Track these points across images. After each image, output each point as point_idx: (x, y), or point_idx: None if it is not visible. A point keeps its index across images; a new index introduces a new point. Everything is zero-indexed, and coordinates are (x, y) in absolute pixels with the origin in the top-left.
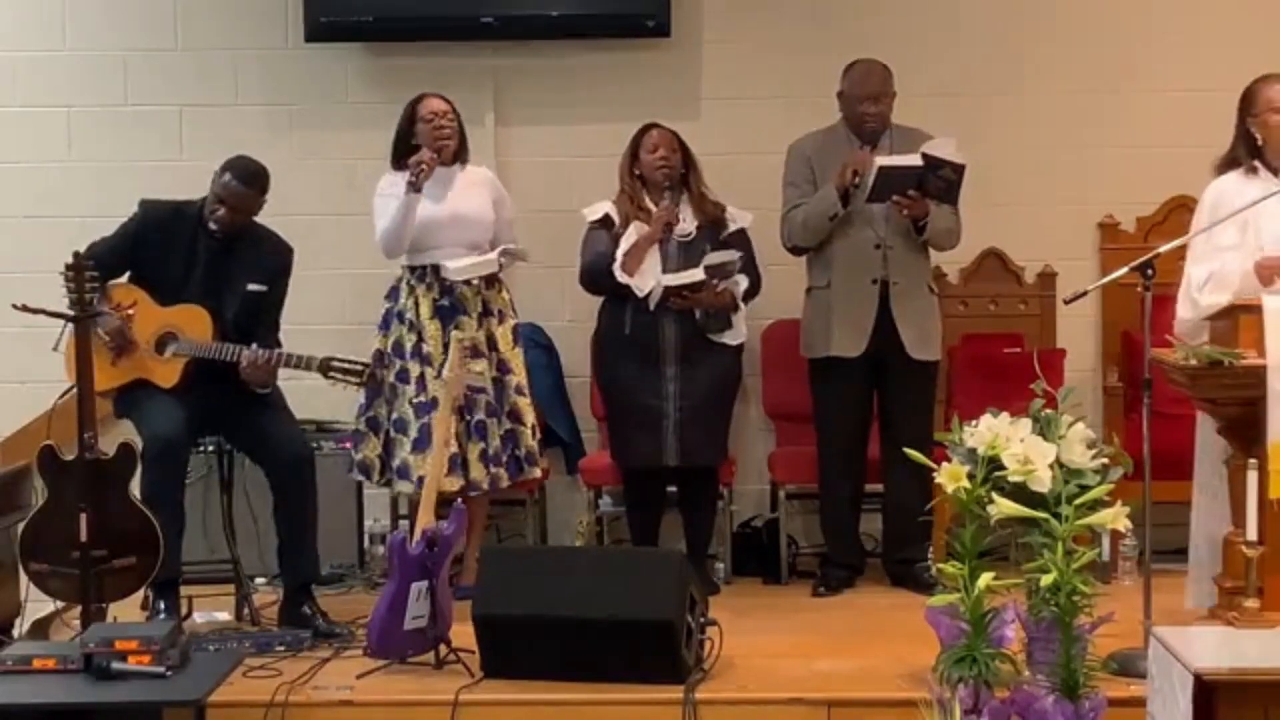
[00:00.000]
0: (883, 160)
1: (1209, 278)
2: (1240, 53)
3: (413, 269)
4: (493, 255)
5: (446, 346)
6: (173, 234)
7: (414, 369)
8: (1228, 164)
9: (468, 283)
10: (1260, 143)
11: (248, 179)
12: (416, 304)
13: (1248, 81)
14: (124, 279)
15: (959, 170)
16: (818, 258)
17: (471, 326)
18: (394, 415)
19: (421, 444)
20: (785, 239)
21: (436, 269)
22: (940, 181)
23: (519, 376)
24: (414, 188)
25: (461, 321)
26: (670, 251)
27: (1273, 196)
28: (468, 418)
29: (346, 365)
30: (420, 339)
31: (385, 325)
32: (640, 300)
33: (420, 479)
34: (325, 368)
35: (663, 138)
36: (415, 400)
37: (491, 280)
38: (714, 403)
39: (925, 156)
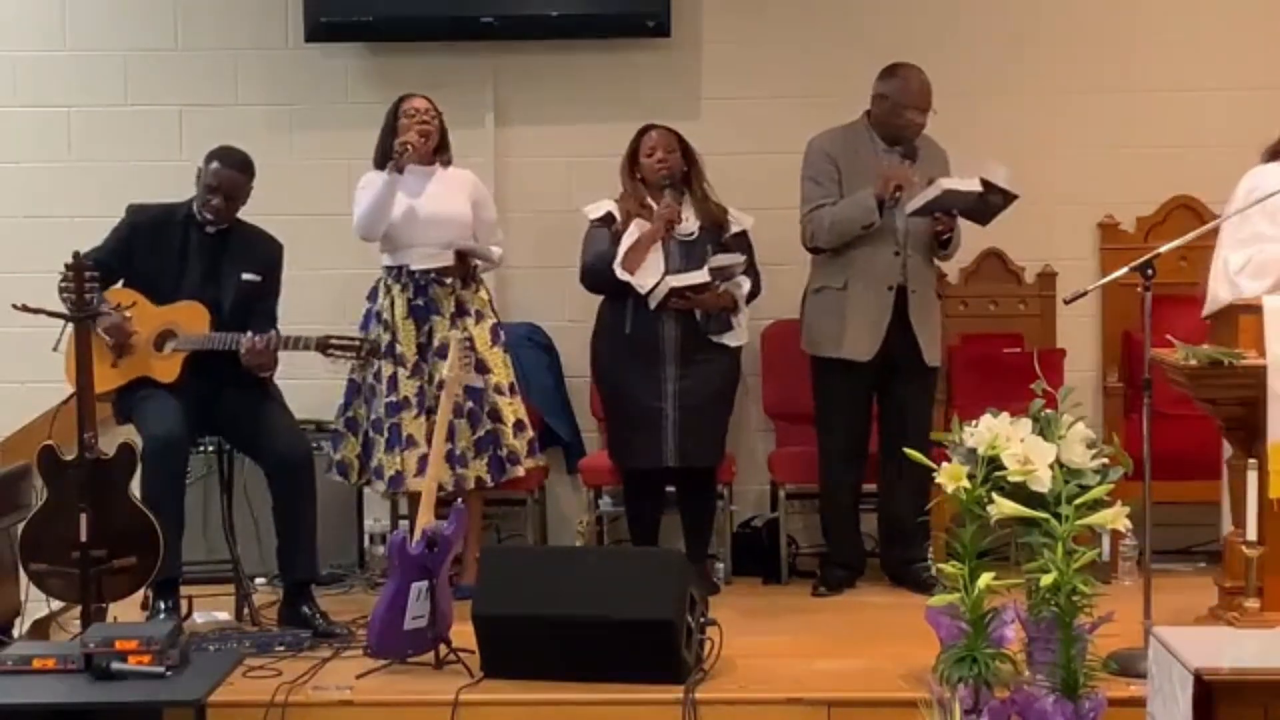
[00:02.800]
0: (948, 183)
1: (1247, 262)
2: (1240, 53)
3: (389, 269)
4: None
5: (420, 347)
6: (163, 234)
7: (387, 369)
8: (1272, 154)
9: (440, 282)
10: None
11: (236, 164)
12: (393, 304)
13: (1248, 81)
14: (119, 285)
15: (1010, 199)
16: (833, 259)
17: (444, 326)
18: (372, 416)
19: (392, 444)
20: (807, 239)
21: (411, 270)
22: (984, 205)
23: (499, 376)
24: (396, 168)
25: (434, 321)
26: (672, 251)
27: None
28: (434, 418)
29: (344, 342)
30: (394, 338)
31: (365, 326)
32: (641, 300)
33: (391, 479)
34: (324, 345)
35: (661, 139)
36: (386, 400)
37: (467, 279)
38: (713, 404)
39: (984, 182)
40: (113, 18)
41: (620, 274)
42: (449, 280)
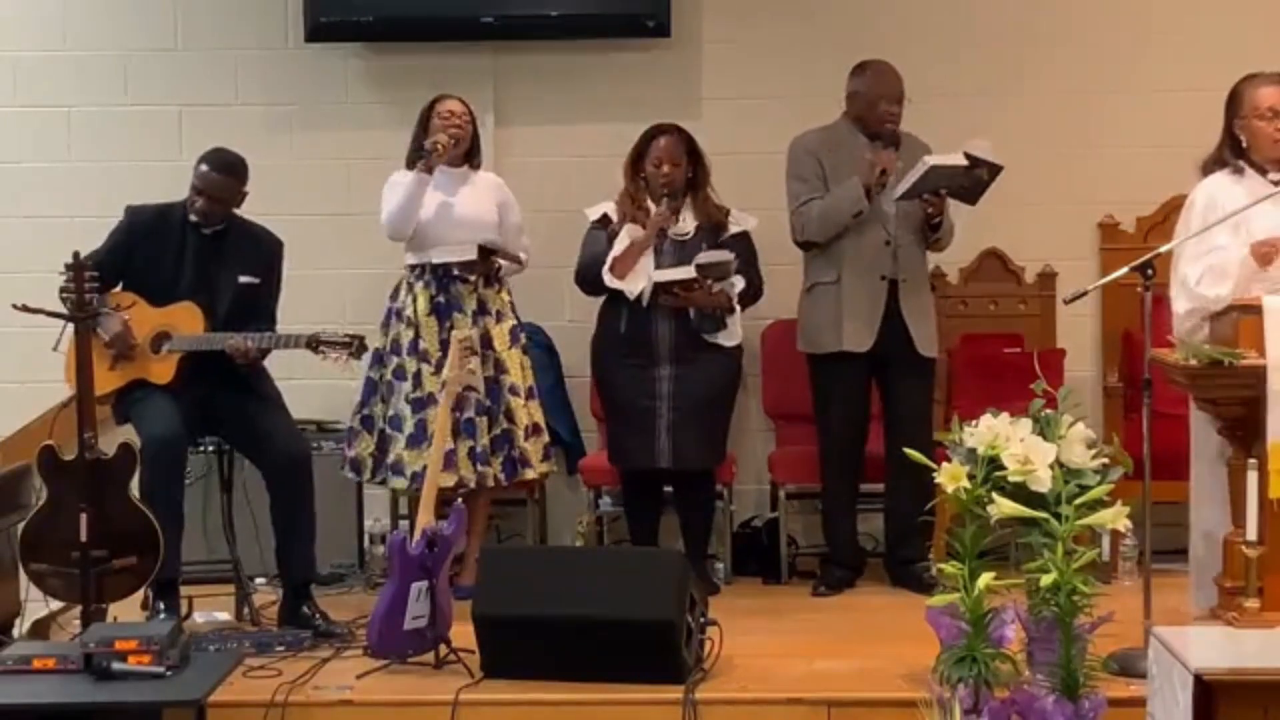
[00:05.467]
0: (933, 160)
1: (1204, 271)
2: (1239, 53)
3: (413, 267)
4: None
5: (444, 344)
6: (160, 235)
7: (410, 365)
8: (1214, 164)
9: (464, 280)
10: (1245, 145)
11: (223, 167)
12: (415, 301)
13: None
14: (118, 288)
15: (995, 172)
16: (825, 253)
17: (466, 324)
18: (390, 412)
19: (416, 440)
20: (797, 233)
21: (434, 267)
22: (970, 181)
23: (514, 376)
24: (426, 169)
25: (456, 319)
26: (664, 250)
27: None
28: (457, 415)
29: (334, 339)
30: (417, 335)
31: (386, 324)
32: (635, 300)
33: (414, 475)
34: (314, 343)
35: (668, 151)
36: (412, 396)
37: (490, 279)
38: (708, 405)
39: (968, 155)
40: (113, 18)
41: (609, 281)
42: (471, 278)
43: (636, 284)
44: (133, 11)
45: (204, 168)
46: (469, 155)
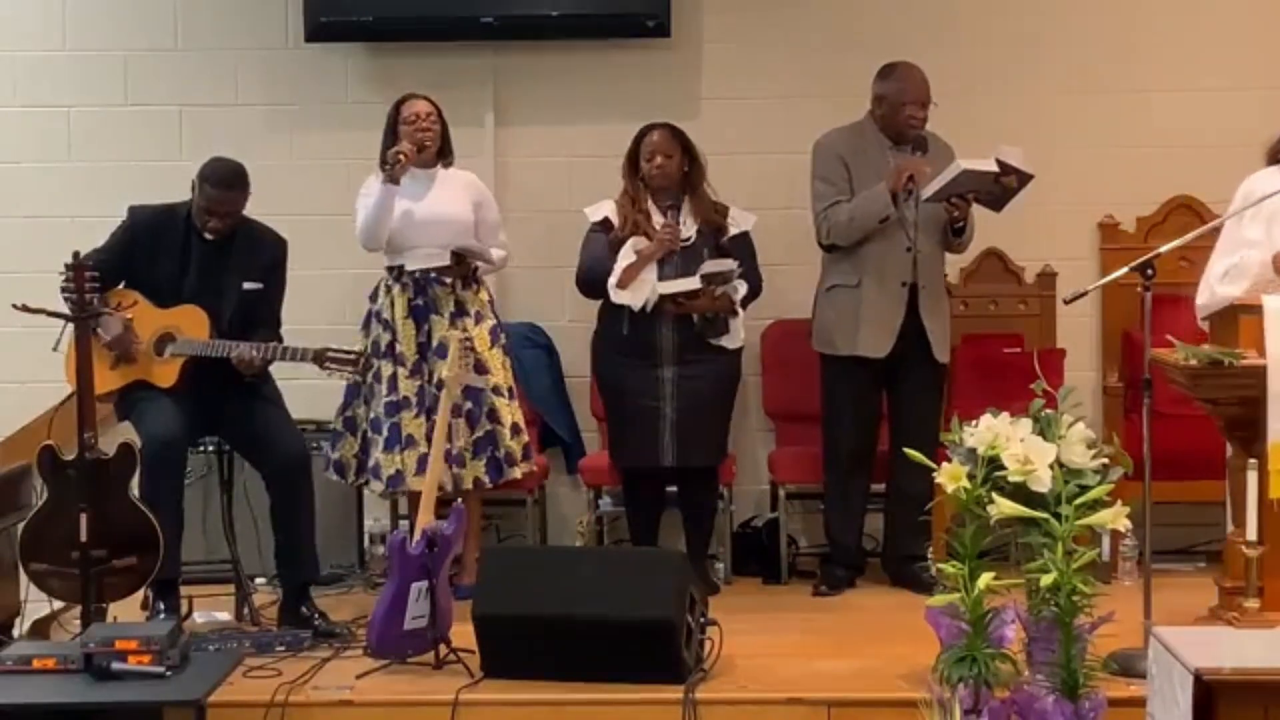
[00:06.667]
0: (966, 164)
1: (1229, 269)
2: (1240, 53)
3: (389, 269)
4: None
5: (421, 347)
6: (163, 237)
7: (386, 369)
8: (1275, 155)
9: (440, 282)
10: None
11: (228, 183)
12: (393, 304)
13: (1247, 82)
14: (120, 286)
15: (1024, 181)
16: (846, 256)
17: (443, 326)
18: (371, 415)
19: (391, 444)
20: (823, 236)
21: (409, 269)
22: (998, 188)
23: (497, 377)
24: (391, 179)
25: (433, 321)
26: (668, 257)
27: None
28: (434, 418)
29: (341, 355)
30: (394, 338)
31: (366, 326)
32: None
33: (390, 479)
34: (320, 358)
35: (660, 143)
36: (386, 399)
37: (467, 280)
38: (711, 404)
39: (999, 162)
40: (113, 18)
41: (614, 295)
42: (448, 280)
43: (640, 295)
44: (133, 11)
45: (209, 186)
46: (441, 154)
